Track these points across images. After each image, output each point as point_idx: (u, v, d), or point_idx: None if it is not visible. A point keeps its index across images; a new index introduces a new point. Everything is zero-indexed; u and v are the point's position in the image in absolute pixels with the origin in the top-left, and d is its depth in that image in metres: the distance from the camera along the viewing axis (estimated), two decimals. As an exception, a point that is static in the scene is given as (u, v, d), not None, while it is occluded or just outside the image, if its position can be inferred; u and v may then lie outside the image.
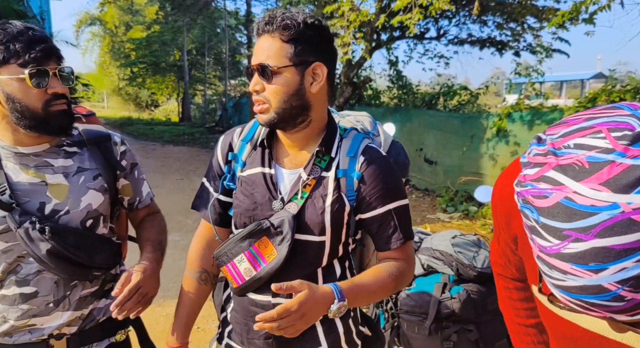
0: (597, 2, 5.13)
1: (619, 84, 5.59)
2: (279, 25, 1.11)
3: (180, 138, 17.62)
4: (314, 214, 1.18)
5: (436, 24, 11.49)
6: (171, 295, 4.12)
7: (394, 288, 1.23)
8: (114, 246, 1.39)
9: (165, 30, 23.39)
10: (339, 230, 1.21)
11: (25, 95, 1.17)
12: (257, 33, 1.16)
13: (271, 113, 1.15)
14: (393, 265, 1.22)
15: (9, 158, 1.25)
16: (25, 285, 1.23)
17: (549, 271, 0.61)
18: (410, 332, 2.06)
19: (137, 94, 34.84)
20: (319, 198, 1.19)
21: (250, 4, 15.78)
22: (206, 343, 3.33)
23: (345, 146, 1.23)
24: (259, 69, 1.13)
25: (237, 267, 1.23)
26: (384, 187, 1.19)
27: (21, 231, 1.17)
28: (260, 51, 1.14)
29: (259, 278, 1.19)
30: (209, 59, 26.35)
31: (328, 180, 1.20)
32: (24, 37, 1.14)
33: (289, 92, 1.13)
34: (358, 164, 1.20)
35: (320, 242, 1.19)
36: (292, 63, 1.12)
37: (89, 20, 30.82)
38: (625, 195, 0.53)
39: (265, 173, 1.24)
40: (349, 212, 1.20)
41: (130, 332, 1.48)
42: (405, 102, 11.23)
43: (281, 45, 1.11)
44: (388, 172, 1.21)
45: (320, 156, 1.21)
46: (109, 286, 1.40)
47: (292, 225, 1.15)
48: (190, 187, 8.77)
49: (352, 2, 6.94)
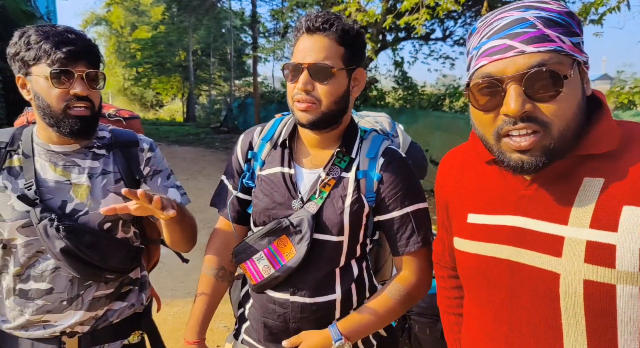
0: (606, 4, 5.10)
1: (627, 86, 5.56)
2: (339, 27, 1.13)
3: (186, 138, 17.67)
4: (333, 214, 1.19)
5: (442, 24, 11.48)
6: (179, 294, 4.12)
7: (402, 309, 1.23)
8: (132, 250, 1.39)
9: (171, 31, 23.47)
10: (357, 230, 1.21)
11: (47, 93, 1.19)
12: (307, 30, 1.14)
13: (319, 113, 1.15)
14: (401, 288, 1.21)
15: (41, 155, 1.29)
16: (41, 281, 1.26)
17: (486, 43, 0.81)
18: (422, 334, 2.05)
19: (142, 94, 34.98)
20: (338, 199, 1.19)
21: (255, 4, 15.80)
22: (213, 343, 3.33)
23: (366, 147, 1.24)
24: (314, 68, 1.13)
25: (256, 264, 1.24)
26: (403, 189, 1.20)
27: (40, 227, 1.20)
28: (315, 50, 1.13)
29: (277, 276, 1.21)
30: (214, 59, 26.43)
31: (348, 180, 1.21)
32: (56, 38, 1.17)
33: (339, 94, 1.16)
34: (378, 166, 1.20)
35: (338, 242, 1.20)
36: (345, 66, 1.16)
37: (94, 21, 30.98)
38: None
39: (284, 173, 1.25)
40: (368, 213, 1.21)
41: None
42: (410, 103, 11.23)
43: (338, 47, 1.14)
44: (408, 174, 1.21)
45: (341, 156, 1.22)
46: (126, 289, 1.40)
47: (311, 225, 1.16)
48: (196, 187, 8.79)
49: (359, 2, 6.93)
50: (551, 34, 0.76)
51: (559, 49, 0.76)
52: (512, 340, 0.86)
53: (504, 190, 0.89)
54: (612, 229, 0.73)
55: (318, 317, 1.23)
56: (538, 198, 0.83)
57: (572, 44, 0.77)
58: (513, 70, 0.76)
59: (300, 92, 1.14)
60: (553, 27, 0.77)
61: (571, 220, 0.78)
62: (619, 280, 0.72)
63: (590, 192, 0.77)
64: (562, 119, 0.76)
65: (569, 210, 0.78)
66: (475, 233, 0.92)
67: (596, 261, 0.74)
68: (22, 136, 1.31)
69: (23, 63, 1.20)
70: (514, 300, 0.86)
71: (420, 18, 6.02)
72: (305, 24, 1.15)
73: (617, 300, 0.73)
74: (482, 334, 0.93)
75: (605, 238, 0.73)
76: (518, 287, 0.85)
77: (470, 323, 1.00)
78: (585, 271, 0.75)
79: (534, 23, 0.77)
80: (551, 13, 0.78)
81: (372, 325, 1.21)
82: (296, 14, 11.31)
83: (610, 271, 0.73)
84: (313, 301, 1.22)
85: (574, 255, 0.76)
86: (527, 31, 0.77)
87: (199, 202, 3.84)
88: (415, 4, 6.11)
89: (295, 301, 1.22)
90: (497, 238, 0.88)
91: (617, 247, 0.72)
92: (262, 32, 16.32)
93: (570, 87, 0.76)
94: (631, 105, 5.22)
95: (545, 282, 0.80)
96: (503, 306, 0.87)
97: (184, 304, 3.93)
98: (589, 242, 0.75)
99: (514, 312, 0.86)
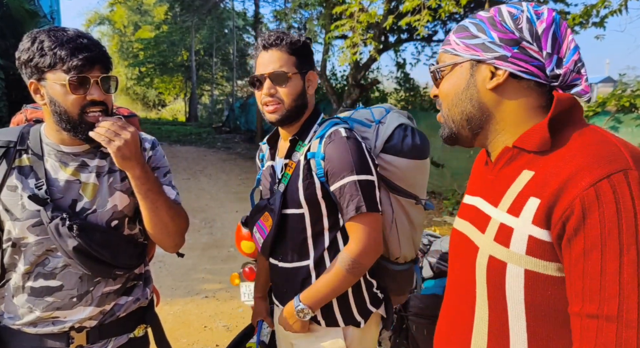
0: (608, 6, 5.10)
1: (629, 89, 5.54)
2: (288, 41, 1.40)
3: (188, 138, 17.70)
4: (294, 192, 1.43)
5: (444, 26, 11.46)
6: (179, 293, 4.13)
7: (354, 277, 1.39)
8: (139, 247, 1.43)
9: (173, 31, 23.52)
10: (315, 204, 1.41)
11: (64, 99, 1.21)
12: (264, 47, 1.42)
13: (283, 111, 1.42)
14: (346, 257, 1.37)
15: (51, 155, 1.31)
16: (51, 278, 1.28)
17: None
18: (419, 335, 2.05)
19: (144, 94, 35.04)
20: (296, 178, 1.43)
21: (258, 4, 15.82)
22: (213, 343, 3.34)
23: (318, 132, 1.45)
24: (273, 75, 1.39)
25: (255, 235, 1.57)
26: (340, 163, 1.35)
27: (52, 226, 1.22)
28: (272, 62, 1.40)
29: (265, 243, 1.50)
30: (217, 59, 26.46)
31: (300, 162, 1.43)
32: (71, 44, 1.18)
33: (297, 93, 1.42)
34: (322, 146, 1.39)
35: (300, 214, 1.43)
36: (298, 70, 1.42)
37: (98, 20, 31.06)
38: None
39: (270, 165, 1.58)
40: (321, 188, 1.40)
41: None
42: (412, 105, 11.22)
43: (289, 57, 1.41)
44: (345, 149, 1.36)
45: (300, 144, 1.46)
46: (132, 284, 1.44)
47: (279, 201, 1.43)
48: (197, 186, 8.81)
49: (361, 3, 6.93)
50: (451, 39, 0.96)
51: (449, 50, 0.96)
52: (451, 302, 1.03)
53: (482, 175, 1.03)
54: (516, 215, 0.84)
55: (298, 280, 1.47)
56: (493, 183, 0.95)
57: (465, 46, 0.94)
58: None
59: (266, 96, 1.40)
60: (458, 32, 0.96)
61: (500, 204, 0.89)
62: (510, 259, 0.84)
63: (521, 182, 0.87)
64: (448, 102, 0.98)
65: (502, 195, 0.90)
66: (460, 211, 1.08)
67: (500, 240, 0.86)
68: (29, 135, 1.32)
69: (37, 69, 1.20)
70: (455, 267, 1.02)
71: (422, 19, 6.02)
72: (261, 42, 1.42)
73: (506, 277, 0.85)
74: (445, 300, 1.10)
75: (510, 222, 0.85)
76: (459, 257, 1.01)
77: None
78: (492, 247, 0.88)
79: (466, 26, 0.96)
80: (474, 19, 0.95)
81: (328, 294, 1.40)
82: (299, 14, 11.33)
83: (505, 250, 0.85)
84: (292, 265, 1.48)
85: (490, 234, 0.89)
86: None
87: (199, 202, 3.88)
88: (417, 5, 6.11)
89: (282, 266, 1.50)
90: (465, 215, 1.04)
91: (514, 230, 0.84)
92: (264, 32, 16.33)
93: (455, 80, 0.95)
94: (632, 108, 5.20)
95: (470, 253, 0.95)
96: (452, 274, 1.04)
97: (184, 303, 3.94)
98: (501, 224, 0.87)
99: (454, 279, 1.02)
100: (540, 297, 0.82)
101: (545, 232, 0.79)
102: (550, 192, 0.78)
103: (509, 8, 0.91)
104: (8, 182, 1.26)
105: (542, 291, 0.81)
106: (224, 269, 4.67)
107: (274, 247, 1.50)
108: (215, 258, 5.09)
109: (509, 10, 0.91)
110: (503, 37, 0.89)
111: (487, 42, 0.91)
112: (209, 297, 4.09)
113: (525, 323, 0.84)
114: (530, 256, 0.81)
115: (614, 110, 5.29)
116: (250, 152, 13.96)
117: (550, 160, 0.84)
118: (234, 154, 13.95)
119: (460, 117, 0.96)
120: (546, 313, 0.82)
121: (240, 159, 12.95)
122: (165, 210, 1.33)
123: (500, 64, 0.89)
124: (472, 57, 0.92)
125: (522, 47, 0.88)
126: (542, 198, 0.80)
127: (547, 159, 0.85)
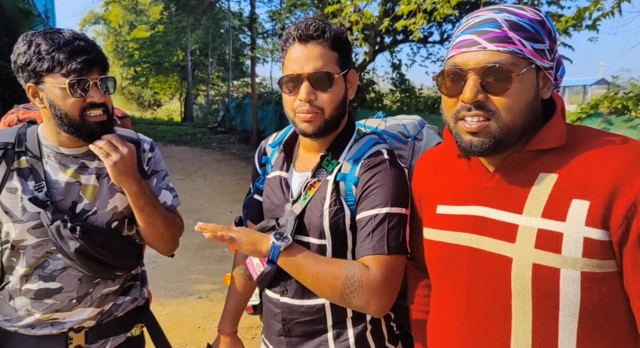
0: (601, 9, 5.13)
1: (621, 91, 5.58)
2: (331, 33, 1.12)
3: (183, 138, 17.64)
4: (314, 217, 1.18)
5: (440, 28, 11.51)
6: (172, 294, 4.12)
7: (342, 288, 1.08)
8: (137, 247, 1.44)
9: (169, 30, 23.44)
10: (341, 235, 1.16)
11: (64, 102, 1.20)
12: (300, 39, 1.12)
13: (322, 121, 1.14)
14: (359, 266, 1.10)
15: (51, 157, 1.30)
16: (51, 280, 1.28)
17: (459, 37, 0.89)
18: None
19: (140, 94, 34.94)
20: (319, 201, 1.18)
21: (254, 5, 15.79)
22: (206, 343, 3.32)
23: (353, 151, 1.21)
24: (315, 77, 1.11)
25: (252, 261, 1.28)
26: (378, 192, 1.12)
27: (53, 228, 1.22)
28: (311, 59, 1.11)
29: (266, 273, 1.23)
30: (213, 59, 26.41)
31: (328, 183, 1.19)
32: (68, 47, 1.18)
33: (339, 100, 1.16)
34: (358, 169, 1.16)
35: (321, 246, 1.18)
36: (341, 71, 1.16)
37: (93, 19, 30.97)
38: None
39: (281, 176, 1.29)
40: (350, 217, 1.16)
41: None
42: (407, 106, 11.25)
43: (332, 53, 1.13)
44: (384, 177, 1.13)
45: (329, 160, 1.21)
46: (129, 284, 1.45)
47: (292, 225, 1.18)
48: (192, 187, 8.78)
49: (356, 4, 6.94)
50: (513, 37, 0.85)
51: (517, 51, 0.84)
52: (468, 320, 0.94)
53: (469, 183, 0.98)
54: (561, 219, 0.82)
55: (308, 321, 1.22)
56: (498, 190, 0.92)
57: (533, 49, 0.86)
58: (474, 63, 0.86)
59: (304, 104, 1.13)
60: (518, 31, 0.85)
61: (525, 210, 0.86)
62: (563, 264, 0.80)
63: (544, 185, 0.85)
64: (508, 112, 0.85)
65: (524, 201, 0.87)
66: (442, 223, 1.01)
67: (545, 247, 0.82)
68: (27, 137, 1.31)
69: (35, 73, 1.19)
70: (472, 284, 0.94)
71: (417, 22, 6.03)
72: (297, 33, 1.12)
73: (560, 283, 0.81)
74: (444, 317, 1.02)
75: (554, 227, 0.82)
76: (476, 272, 0.93)
77: (434, 310, 1.07)
78: (535, 256, 0.83)
79: (501, 24, 0.86)
80: (521, 18, 0.86)
81: (305, 270, 1.12)
82: (293, 14, 11.33)
83: (556, 256, 0.81)
84: (300, 303, 1.21)
85: (526, 241, 0.85)
86: (493, 31, 0.86)
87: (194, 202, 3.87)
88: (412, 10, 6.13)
89: (285, 302, 1.24)
90: (460, 226, 0.97)
91: (564, 234, 0.81)
92: (260, 33, 16.31)
93: (521, 86, 0.85)
94: (625, 110, 5.24)
95: (499, 266, 0.88)
96: (462, 290, 0.96)
97: (177, 304, 3.93)
98: (540, 230, 0.83)
99: (471, 295, 0.94)
100: (597, 296, 0.81)
101: (602, 232, 0.79)
102: (601, 193, 0.79)
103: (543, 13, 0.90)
104: (8, 184, 1.26)
105: (598, 290, 0.81)
106: (217, 270, 4.66)
107: (277, 277, 1.23)
108: (209, 258, 5.08)
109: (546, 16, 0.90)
110: (552, 46, 0.89)
111: (546, 49, 0.88)
112: (202, 298, 4.08)
113: (576, 327, 0.83)
114: (588, 258, 0.80)
115: (606, 113, 5.33)
116: (245, 152, 13.93)
117: (576, 161, 0.84)
118: (229, 154, 13.91)
119: (522, 127, 0.87)
120: (598, 313, 0.82)
121: (236, 159, 12.92)
122: (161, 221, 1.35)
123: (552, 73, 0.90)
124: (541, 63, 0.87)
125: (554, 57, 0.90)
126: (591, 200, 0.80)
127: (567, 159, 0.85)
